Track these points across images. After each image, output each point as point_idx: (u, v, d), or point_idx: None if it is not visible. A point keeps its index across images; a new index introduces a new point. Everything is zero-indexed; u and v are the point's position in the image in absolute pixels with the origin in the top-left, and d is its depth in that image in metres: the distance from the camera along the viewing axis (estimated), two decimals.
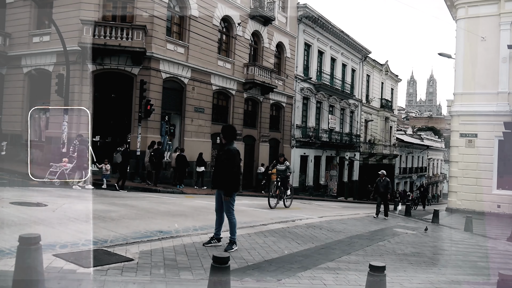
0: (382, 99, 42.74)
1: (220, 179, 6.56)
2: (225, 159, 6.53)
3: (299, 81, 28.97)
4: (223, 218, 6.75)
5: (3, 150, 18.14)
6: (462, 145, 19.26)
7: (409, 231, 11.83)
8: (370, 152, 39.37)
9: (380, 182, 15.01)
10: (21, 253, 3.70)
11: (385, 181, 14.92)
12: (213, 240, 6.75)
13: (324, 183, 32.94)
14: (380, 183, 14.97)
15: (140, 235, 7.09)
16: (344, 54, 34.88)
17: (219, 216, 6.76)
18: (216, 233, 6.80)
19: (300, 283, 5.39)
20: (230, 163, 6.52)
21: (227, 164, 6.51)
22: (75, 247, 5.85)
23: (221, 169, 6.55)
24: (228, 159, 6.51)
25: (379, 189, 15.01)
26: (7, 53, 19.95)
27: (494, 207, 18.11)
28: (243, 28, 23.77)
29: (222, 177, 6.53)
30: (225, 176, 6.50)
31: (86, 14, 17.70)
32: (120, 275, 4.93)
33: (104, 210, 9.32)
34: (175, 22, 20.47)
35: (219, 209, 6.74)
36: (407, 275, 6.52)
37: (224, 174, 6.52)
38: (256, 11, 24.20)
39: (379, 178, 15.15)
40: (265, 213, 12.08)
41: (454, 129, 19.86)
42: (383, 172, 15.32)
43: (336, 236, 9.45)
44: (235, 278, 5.09)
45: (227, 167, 6.51)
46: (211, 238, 6.79)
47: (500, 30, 18.58)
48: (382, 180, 14.96)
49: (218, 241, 6.76)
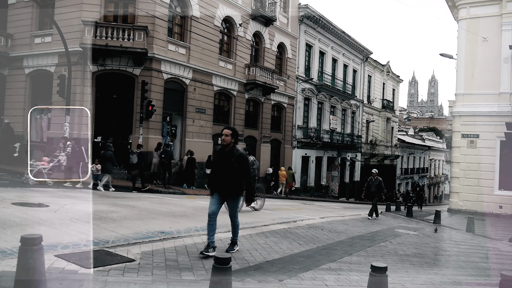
0: (383, 100, 42.71)
1: (235, 188, 6.23)
2: (239, 166, 6.15)
3: (300, 82, 28.96)
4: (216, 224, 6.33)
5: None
6: (464, 146, 19.23)
7: (411, 232, 11.81)
8: (372, 152, 39.33)
9: (372, 181, 14.45)
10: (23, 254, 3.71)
11: (377, 180, 14.33)
12: (210, 248, 6.10)
13: (326, 184, 32.93)
14: (372, 183, 14.41)
15: (141, 236, 7.10)
16: (345, 55, 34.87)
17: (215, 222, 6.25)
18: (212, 241, 6.20)
19: (302, 283, 5.38)
20: (247, 171, 6.25)
21: (244, 172, 6.22)
22: (76, 248, 5.85)
23: (235, 177, 6.17)
24: (245, 167, 6.23)
25: (371, 189, 14.43)
26: (9, 54, 19.98)
27: (495, 207, 18.08)
28: (244, 28, 23.78)
29: (237, 185, 6.23)
30: (240, 184, 6.26)
31: (87, 15, 17.71)
32: (122, 276, 4.93)
33: (106, 211, 9.33)
34: (177, 23, 20.49)
35: (216, 214, 6.25)
36: (409, 276, 6.51)
37: (239, 182, 6.23)
38: (258, 11, 24.20)
39: (370, 177, 14.64)
40: (267, 214, 12.07)
41: (455, 129, 19.84)
42: (375, 171, 14.78)
43: (338, 236, 9.44)
44: (237, 279, 5.09)
45: (244, 175, 6.24)
46: (208, 246, 6.11)
47: (501, 30, 18.56)
48: (374, 179, 14.39)
49: (214, 250, 6.14)
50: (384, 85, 43.54)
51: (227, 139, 6.16)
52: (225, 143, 6.22)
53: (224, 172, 6.18)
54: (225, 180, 6.17)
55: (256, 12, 24.20)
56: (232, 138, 6.20)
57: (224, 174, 6.18)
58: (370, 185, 14.51)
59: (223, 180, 6.17)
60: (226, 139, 6.16)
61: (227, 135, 6.16)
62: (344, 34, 33.31)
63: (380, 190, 14.39)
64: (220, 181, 6.21)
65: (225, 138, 6.16)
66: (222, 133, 6.26)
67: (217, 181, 6.25)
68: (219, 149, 6.37)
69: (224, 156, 6.22)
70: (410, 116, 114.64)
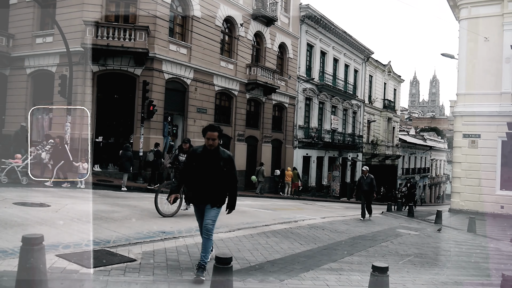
0: (384, 100, 42.68)
1: (221, 194, 5.34)
2: (228, 169, 5.33)
3: (301, 82, 28.96)
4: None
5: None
6: (465, 146, 19.20)
7: (412, 232, 11.79)
8: (373, 152, 39.30)
9: (363, 179, 13.85)
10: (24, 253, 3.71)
11: (368, 178, 13.72)
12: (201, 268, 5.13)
13: (327, 184, 32.92)
14: (364, 181, 13.79)
15: (142, 236, 7.10)
16: (346, 55, 34.84)
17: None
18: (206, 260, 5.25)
19: (303, 284, 5.38)
20: (234, 174, 5.44)
21: (233, 175, 5.42)
22: (78, 248, 5.86)
23: (223, 182, 5.32)
24: (234, 170, 5.43)
25: (363, 187, 13.77)
26: (11, 54, 20.01)
27: (497, 208, 18.04)
28: (245, 28, 23.78)
29: (224, 192, 5.36)
30: (226, 190, 5.38)
31: (89, 15, 17.74)
32: (123, 276, 4.93)
33: (107, 211, 9.34)
34: (178, 23, 20.51)
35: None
36: (410, 276, 6.50)
37: (226, 187, 5.38)
38: (259, 11, 24.20)
39: (362, 175, 14.10)
40: (268, 214, 12.08)
41: (457, 129, 19.81)
42: (366, 168, 14.24)
43: (339, 236, 9.44)
44: (238, 279, 5.09)
45: (233, 180, 5.44)
46: (200, 266, 5.13)
47: (503, 30, 18.53)
48: (366, 177, 13.78)
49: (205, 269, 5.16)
50: (386, 85, 43.51)
51: (215, 144, 5.23)
52: (212, 148, 5.26)
53: (210, 177, 5.25)
54: (210, 187, 5.26)
55: (257, 12, 24.20)
56: (219, 136, 5.29)
57: (210, 180, 5.25)
58: (361, 183, 13.93)
59: (208, 187, 5.26)
60: (214, 143, 5.23)
61: (214, 139, 5.21)
62: (345, 34, 33.30)
63: (372, 189, 13.75)
64: (204, 188, 5.27)
65: (213, 142, 5.22)
66: (206, 136, 5.24)
67: (201, 189, 5.30)
68: (201, 151, 5.33)
69: (209, 159, 5.27)
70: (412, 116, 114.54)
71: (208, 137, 5.23)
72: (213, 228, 5.29)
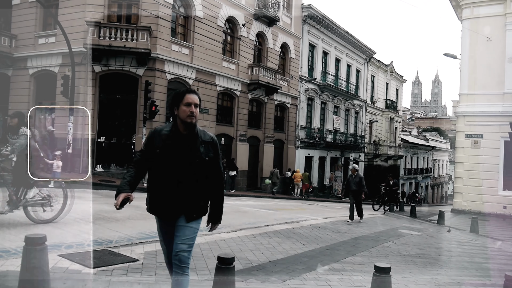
0: (387, 100, 42.62)
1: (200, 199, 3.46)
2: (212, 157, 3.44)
3: (303, 82, 28.94)
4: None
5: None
6: (468, 146, 19.16)
7: (414, 232, 11.78)
8: (375, 153, 39.25)
9: (352, 178, 13.02)
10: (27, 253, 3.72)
11: (357, 177, 12.96)
12: None
13: (329, 184, 32.90)
14: (352, 180, 12.98)
15: (145, 236, 7.10)
16: (348, 55, 34.81)
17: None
18: None
19: (305, 284, 5.37)
20: (220, 166, 3.58)
21: (216, 167, 3.51)
22: (80, 248, 5.87)
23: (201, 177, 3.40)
24: (219, 160, 3.55)
25: (351, 187, 12.94)
26: (13, 55, 20.06)
27: (500, 208, 18.00)
28: (247, 29, 23.79)
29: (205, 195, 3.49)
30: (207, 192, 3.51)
31: (91, 15, 17.78)
32: (125, 276, 4.94)
33: (109, 211, 9.34)
34: (180, 23, 20.53)
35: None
36: (412, 276, 6.49)
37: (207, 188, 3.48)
38: (261, 11, 24.21)
39: (350, 174, 13.32)
40: (270, 214, 12.07)
41: (459, 129, 19.77)
42: (354, 167, 13.62)
43: (341, 237, 9.43)
44: (240, 279, 5.09)
45: (218, 175, 3.55)
46: None
47: (506, 30, 18.49)
48: (354, 176, 13.00)
49: None
50: (388, 85, 43.44)
51: (196, 114, 3.37)
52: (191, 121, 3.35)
53: (184, 173, 3.34)
54: (184, 188, 3.36)
55: (259, 12, 24.20)
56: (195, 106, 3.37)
57: (183, 177, 3.35)
58: (350, 182, 13.08)
59: (181, 189, 3.35)
60: (195, 113, 3.35)
61: (197, 106, 3.36)
62: (348, 34, 33.27)
63: (361, 188, 12.88)
64: (173, 191, 3.35)
65: (195, 111, 3.35)
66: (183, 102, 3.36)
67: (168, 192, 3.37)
68: (169, 132, 3.43)
69: (182, 143, 3.36)
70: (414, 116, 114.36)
71: (187, 103, 3.33)
72: (190, 256, 3.41)
